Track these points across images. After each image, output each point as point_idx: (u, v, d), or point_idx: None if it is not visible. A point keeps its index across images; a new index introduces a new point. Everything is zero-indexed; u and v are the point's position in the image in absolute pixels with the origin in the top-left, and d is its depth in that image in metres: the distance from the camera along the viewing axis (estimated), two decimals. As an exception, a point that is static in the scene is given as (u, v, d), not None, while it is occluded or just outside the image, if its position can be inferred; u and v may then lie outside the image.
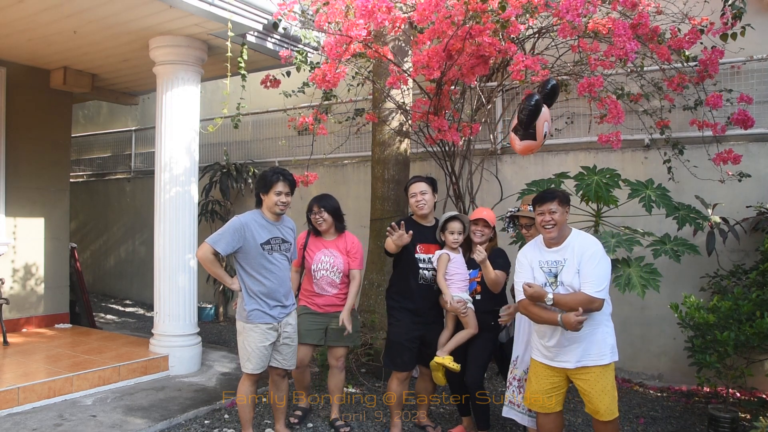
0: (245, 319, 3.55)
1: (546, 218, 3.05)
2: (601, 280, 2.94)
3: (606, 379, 3.00)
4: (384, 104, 5.43)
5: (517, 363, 3.54)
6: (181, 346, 5.18)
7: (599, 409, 2.99)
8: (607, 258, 3.05)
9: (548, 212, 3.04)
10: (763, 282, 4.19)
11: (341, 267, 3.98)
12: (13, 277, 6.22)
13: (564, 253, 3.06)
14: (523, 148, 3.69)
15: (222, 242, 3.45)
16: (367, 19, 3.96)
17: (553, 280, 3.07)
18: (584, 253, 2.99)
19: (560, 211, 3.04)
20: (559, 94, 3.65)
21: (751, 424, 3.60)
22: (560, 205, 3.04)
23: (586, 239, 3.08)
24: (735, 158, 4.50)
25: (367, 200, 5.80)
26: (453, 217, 3.75)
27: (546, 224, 3.05)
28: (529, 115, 3.49)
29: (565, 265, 3.03)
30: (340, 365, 4.04)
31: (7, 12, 4.66)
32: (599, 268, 2.96)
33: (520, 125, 3.57)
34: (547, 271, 3.10)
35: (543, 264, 3.12)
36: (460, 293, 3.68)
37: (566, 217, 3.10)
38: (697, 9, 4.75)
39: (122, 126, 9.99)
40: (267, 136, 8.03)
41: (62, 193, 6.74)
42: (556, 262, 3.07)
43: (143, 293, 9.11)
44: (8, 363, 4.85)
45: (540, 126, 3.54)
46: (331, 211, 4.03)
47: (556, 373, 3.11)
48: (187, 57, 5.18)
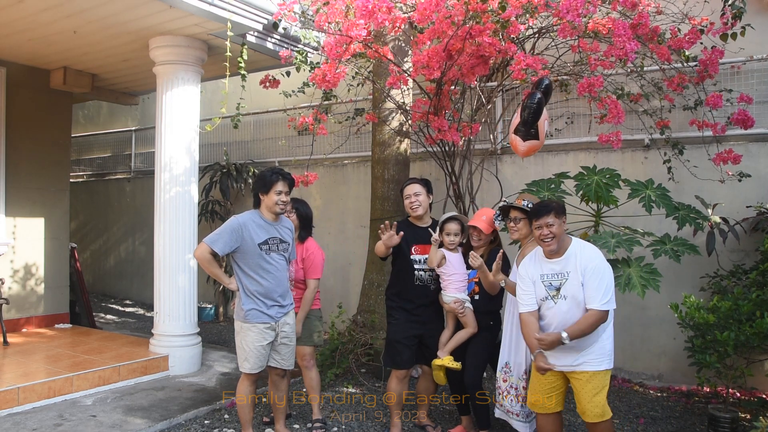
0: (243, 319, 3.56)
1: (544, 232, 3.02)
2: (607, 291, 2.95)
3: (598, 384, 3.01)
4: (384, 104, 5.43)
5: (510, 369, 3.53)
6: (181, 346, 5.18)
7: (586, 411, 3.00)
8: (609, 267, 3.05)
9: (546, 226, 3.02)
10: (763, 282, 4.19)
11: (293, 275, 3.96)
12: (13, 277, 6.22)
13: (566, 265, 3.04)
14: (527, 149, 3.68)
15: (220, 242, 3.46)
16: (367, 19, 3.96)
17: (555, 293, 3.06)
18: (587, 267, 2.98)
19: (557, 223, 3.02)
20: (551, 92, 3.65)
21: (751, 424, 3.60)
22: (557, 217, 3.02)
23: (588, 251, 3.06)
24: (735, 158, 4.50)
25: (367, 200, 5.80)
26: (450, 218, 3.75)
27: (545, 238, 3.03)
28: (532, 114, 3.48)
29: (569, 279, 3.02)
30: (306, 364, 4.03)
31: (7, 12, 4.66)
32: (604, 280, 2.96)
33: (523, 125, 3.56)
34: (547, 285, 3.09)
35: (544, 277, 3.11)
36: (458, 293, 3.68)
37: (564, 227, 3.08)
38: (697, 9, 4.75)
39: (122, 126, 9.99)
40: (267, 136, 8.02)
41: (62, 193, 6.74)
42: (558, 274, 3.06)
43: (143, 293, 9.11)
44: (8, 363, 4.85)
45: (542, 125, 3.54)
46: (301, 216, 4.05)
47: (554, 374, 3.11)
48: (187, 57, 5.18)
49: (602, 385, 3.02)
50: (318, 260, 4.02)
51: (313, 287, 4.00)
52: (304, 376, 4.09)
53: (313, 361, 4.07)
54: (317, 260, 4.02)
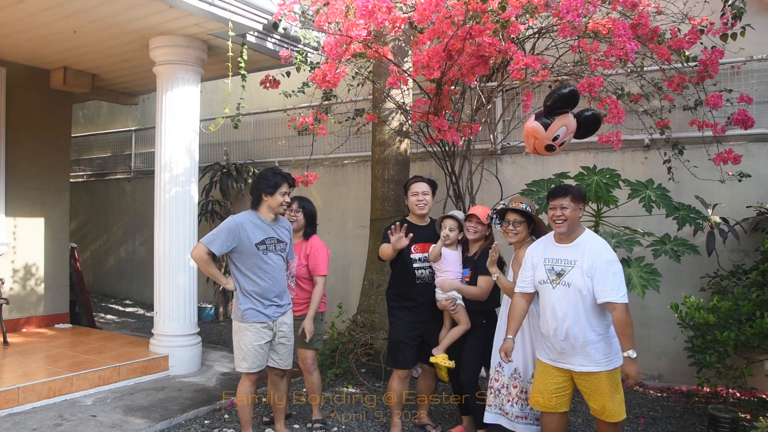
0: (240, 319, 3.56)
1: (557, 213, 3.04)
2: (623, 284, 2.94)
3: (611, 383, 3.00)
4: (384, 104, 5.43)
5: (502, 370, 3.52)
6: (181, 346, 5.18)
7: (607, 410, 2.99)
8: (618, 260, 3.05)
9: (559, 207, 3.03)
10: (763, 282, 4.19)
11: (293, 271, 3.96)
12: (13, 277, 6.22)
13: (574, 253, 3.03)
14: (530, 131, 3.59)
15: (217, 242, 3.46)
16: (367, 19, 3.96)
17: (555, 278, 3.05)
18: (598, 259, 2.96)
19: (572, 207, 3.02)
20: (576, 102, 3.56)
21: (751, 424, 3.61)
22: (573, 202, 3.03)
23: (599, 244, 3.04)
24: (735, 158, 4.50)
25: (367, 200, 5.80)
26: (448, 216, 3.78)
27: (556, 219, 3.04)
28: (556, 100, 3.42)
29: (574, 267, 3.01)
30: (307, 368, 4.01)
31: (7, 12, 4.66)
32: (618, 274, 2.95)
33: (544, 107, 3.53)
34: (549, 269, 3.08)
35: (547, 261, 3.11)
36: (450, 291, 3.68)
37: (579, 214, 3.08)
38: (697, 9, 4.75)
39: (122, 126, 9.99)
40: (267, 136, 8.02)
41: (62, 193, 6.74)
42: (564, 260, 3.05)
43: (143, 293, 9.11)
44: (8, 363, 4.85)
45: (557, 124, 3.49)
46: (307, 214, 4.06)
47: (561, 374, 3.10)
48: (187, 57, 5.18)
49: (615, 383, 3.02)
50: (322, 256, 4.01)
51: (322, 284, 3.98)
52: (305, 379, 4.07)
53: (315, 364, 4.04)
54: (321, 256, 4.00)
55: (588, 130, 3.65)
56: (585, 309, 2.98)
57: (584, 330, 2.98)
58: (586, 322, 2.98)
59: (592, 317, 2.98)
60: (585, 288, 2.96)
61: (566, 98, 3.45)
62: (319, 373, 4.09)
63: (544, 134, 3.56)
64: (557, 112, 3.50)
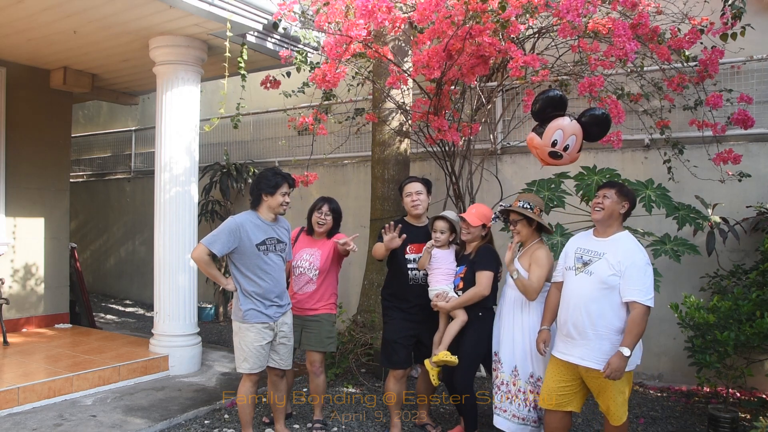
0: (241, 319, 3.56)
1: (598, 200, 3.12)
2: (651, 288, 2.96)
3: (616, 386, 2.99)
4: (384, 104, 5.43)
5: (501, 361, 3.51)
6: (181, 346, 5.18)
7: (610, 411, 3.03)
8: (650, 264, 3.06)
9: (602, 196, 3.11)
10: (763, 282, 4.20)
11: (317, 264, 3.97)
12: (13, 277, 6.22)
13: (606, 247, 3.06)
14: (529, 143, 3.62)
15: (218, 243, 3.45)
16: (367, 19, 3.96)
17: (581, 266, 3.09)
18: (631, 258, 2.97)
19: (614, 199, 3.07)
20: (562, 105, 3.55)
21: (751, 424, 3.60)
22: (617, 195, 3.08)
23: (634, 245, 3.05)
24: (735, 158, 4.50)
25: (367, 200, 5.80)
26: (438, 217, 3.78)
27: (596, 206, 3.12)
28: (543, 106, 3.44)
29: (602, 258, 3.03)
30: (315, 370, 4.00)
31: (7, 12, 4.66)
32: (648, 277, 2.97)
33: (533, 115, 3.54)
34: (578, 257, 3.14)
35: (578, 250, 3.16)
36: (440, 285, 3.67)
37: (620, 209, 3.09)
38: (697, 9, 4.75)
39: (122, 126, 9.99)
40: (267, 136, 8.03)
41: (62, 193, 6.73)
42: (594, 251, 3.09)
43: (143, 293, 9.11)
44: (8, 363, 4.85)
45: (551, 129, 3.49)
46: (336, 216, 4.10)
47: (568, 371, 3.11)
48: (187, 57, 5.18)
49: (623, 388, 3.03)
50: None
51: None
52: (311, 381, 4.06)
53: (322, 367, 4.02)
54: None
55: (602, 130, 3.63)
56: (600, 301, 2.98)
57: (594, 321, 2.98)
58: (597, 315, 2.98)
59: (606, 312, 2.97)
60: (607, 281, 2.97)
61: (551, 101, 3.45)
62: (325, 378, 4.08)
63: (541, 142, 3.57)
64: (549, 117, 3.50)
